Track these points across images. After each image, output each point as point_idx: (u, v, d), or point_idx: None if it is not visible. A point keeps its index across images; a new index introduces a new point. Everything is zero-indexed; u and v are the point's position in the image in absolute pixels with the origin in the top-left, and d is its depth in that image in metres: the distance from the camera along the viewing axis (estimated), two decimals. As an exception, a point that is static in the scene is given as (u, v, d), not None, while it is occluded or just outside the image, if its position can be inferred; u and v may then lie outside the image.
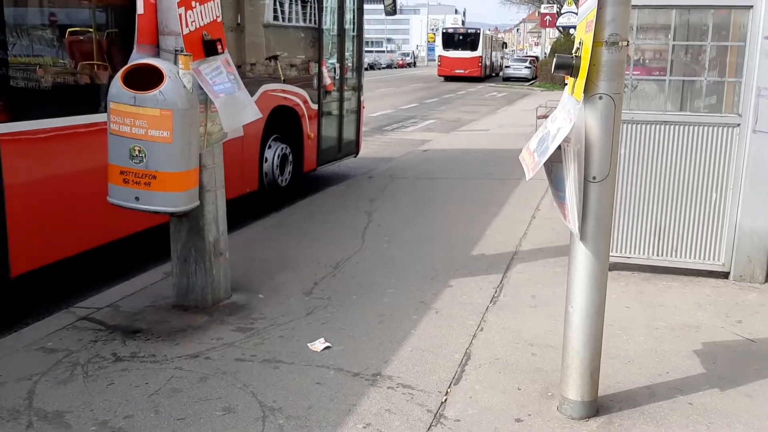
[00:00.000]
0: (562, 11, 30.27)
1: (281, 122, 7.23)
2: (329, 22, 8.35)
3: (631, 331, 3.98)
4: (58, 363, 3.53)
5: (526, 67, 40.78)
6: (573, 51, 2.79)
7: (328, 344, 3.75)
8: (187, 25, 3.76)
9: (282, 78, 7.21)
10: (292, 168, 7.65)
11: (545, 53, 44.60)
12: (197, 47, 3.84)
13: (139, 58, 3.77)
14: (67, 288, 4.91)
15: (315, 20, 7.89)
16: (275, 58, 7.16)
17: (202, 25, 3.87)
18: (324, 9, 8.08)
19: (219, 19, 4.02)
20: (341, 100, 8.75)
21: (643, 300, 4.50)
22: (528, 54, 57.96)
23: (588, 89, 2.70)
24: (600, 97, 2.70)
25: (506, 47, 56.78)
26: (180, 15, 3.72)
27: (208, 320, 4.10)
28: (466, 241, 5.86)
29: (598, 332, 2.98)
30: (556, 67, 2.76)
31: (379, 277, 4.91)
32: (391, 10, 9.88)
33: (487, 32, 44.74)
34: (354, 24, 9.03)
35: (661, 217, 4.82)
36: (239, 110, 4.14)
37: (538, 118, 10.91)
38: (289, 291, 4.60)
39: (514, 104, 22.99)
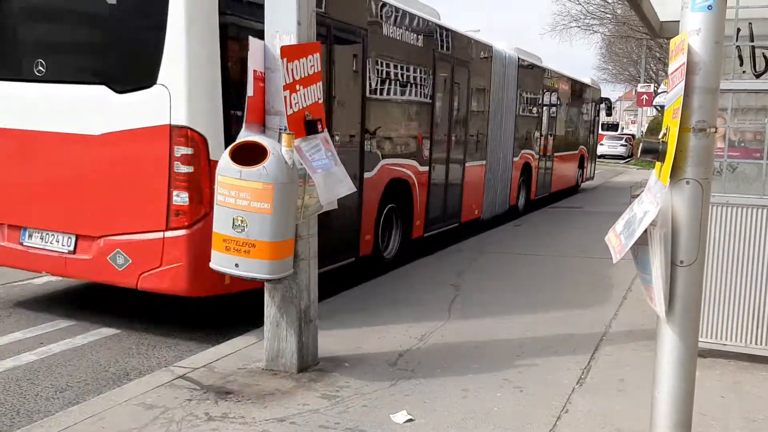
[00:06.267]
0: (659, 90, 29.86)
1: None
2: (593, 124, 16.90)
3: (725, 422, 3.82)
4: (155, 419, 3.73)
5: (622, 145, 40.10)
6: (660, 136, 2.84)
7: (410, 417, 3.79)
8: (291, 107, 4.07)
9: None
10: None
11: (642, 131, 43.84)
12: (299, 126, 4.13)
13: (246, 135, 4.08)
14: (170, 346, 5.19)
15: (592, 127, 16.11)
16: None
17: (304, 106, 4.17)
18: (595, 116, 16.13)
19: (320, 101, 4.31)
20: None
21: (740, 390, 4.31)
22: (624, 132, 57.45)
23: (675, 174, 2.73)
24: (687, 182, 2.73)
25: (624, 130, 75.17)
26: (285, 97, 4.03)
27: (295, 385, 4.24)
28: (554, 320, 5.80)
29: (687, 420, 2.90)
30: (643, 152, 2.82)
31: (464, 351, 4.93)
32: (609, 113, 15.90)
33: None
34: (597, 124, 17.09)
35: (760, 303, 4.64)
36: (335, 185, 4.37)
37: (632, 197, 10.77)
38: (375, 360, 4.69)
39: (607, 182, 22.62)
